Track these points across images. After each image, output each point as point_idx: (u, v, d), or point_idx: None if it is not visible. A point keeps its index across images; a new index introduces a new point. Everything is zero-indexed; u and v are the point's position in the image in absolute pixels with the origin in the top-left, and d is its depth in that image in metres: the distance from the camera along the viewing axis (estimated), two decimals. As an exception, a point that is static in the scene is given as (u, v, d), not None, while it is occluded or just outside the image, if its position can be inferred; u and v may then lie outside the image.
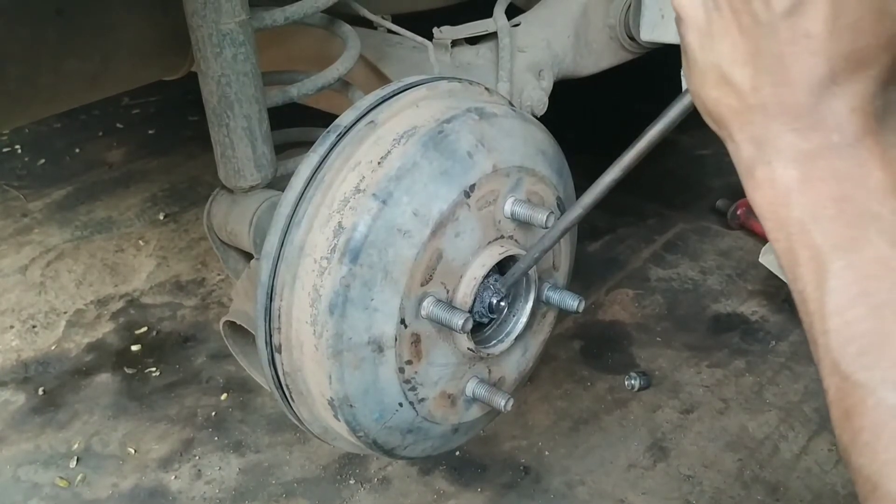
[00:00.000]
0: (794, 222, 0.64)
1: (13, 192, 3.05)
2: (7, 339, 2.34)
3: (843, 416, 0.61)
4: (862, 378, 0.60)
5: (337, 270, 1.13)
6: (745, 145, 0.67)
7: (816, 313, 0.63)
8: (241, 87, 1.38)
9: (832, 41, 0.60)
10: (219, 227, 1.53)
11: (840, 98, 0.61)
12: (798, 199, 0.63)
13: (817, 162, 0.63)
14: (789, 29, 0.61)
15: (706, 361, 2.18)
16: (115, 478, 1.91)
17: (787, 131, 0.63)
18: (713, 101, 0.68)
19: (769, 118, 0.64)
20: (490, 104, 1.30)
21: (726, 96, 0.66)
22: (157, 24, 1.62)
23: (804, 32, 0.60)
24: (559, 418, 2.03)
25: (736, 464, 1.89)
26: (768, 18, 0.61)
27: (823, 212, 0.62)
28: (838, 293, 0.61)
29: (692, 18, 0.67)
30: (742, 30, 0.63)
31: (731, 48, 0.65)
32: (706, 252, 2.61)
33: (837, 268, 0.61)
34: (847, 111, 0.61)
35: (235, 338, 1.52)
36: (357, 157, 1.18)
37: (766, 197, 0.66)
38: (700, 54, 0.67)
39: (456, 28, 1.80)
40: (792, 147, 0.63)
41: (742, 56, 0.64)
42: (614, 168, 0.99)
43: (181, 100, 3.48)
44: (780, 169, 0.64)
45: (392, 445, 1.29)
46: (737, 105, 0.66)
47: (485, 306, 1.27)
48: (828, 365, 0.62)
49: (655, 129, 0.89)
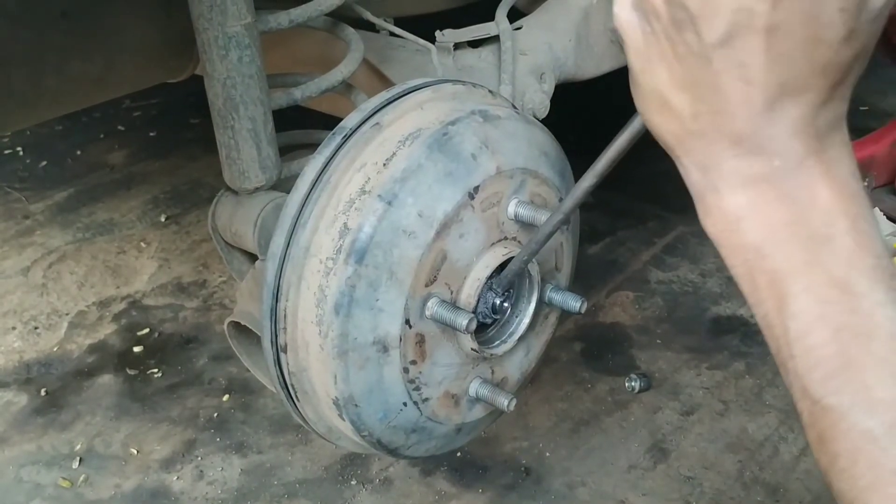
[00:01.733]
0: (748, 248, 0.63)
1: (15, 193, 3.06)
2: (9, 341, 2.34)
3: (819, 441, 0.62)
4: (832, 402, 0.60)
5: (342, 271, 1.14)
6: (691, 170, 0.66)
7: (782, 338, 0.63)
8: (247, 89, 1.38)
9: (767, 71, 0.59)
10: (223, 229, 1.54)
11: (779, 123, 0.60)
12: (749, 224, 0.63)
13: (762, 187, 0.62)
14: (723, 59, 0.59)
15: (706, 363, 2.19)
16: (118, 478, 1.92)
17: (729, 157, 0.63)
18: (657, 125, 0.67)
19: (711, 144, 0.63)
20: (494, 106, 1.31)
21: (668, 121, 0.66)
22: (161, 27, 1.63)
23: (738, 62, 0.59)
24: (560, 420, 2.04)
25: (736, 465, 1.90)
26: (701, 48, 0.60)
27: (776, 236, 0.62)
28: (799, 318, 0.61)
29: (632, 40, 0.66)
30: (677, 57, 0.62)
31: (669, 74, 0.63)
32: (706, 254, 2.62)
33: (796, 291, 0.61)
34: (787, 135, 0.61)
35: (240, 339, 1.52)
36: (362, 158, 1.19)
37: (717, 224, 0.65)
38: (641, 77, 0.66)
39: (458, 31, 1.81)
40: (736, 173, 0.63)
41: (679, 82, 0.63)
42: (588, 175, 0.99)
43: (183, 102, 3.49)
44: (727, 195, 0.64)
45: (396, 445, 1.29)
46: (679, 131, 0.65)
47: (488, 307, 1.28)
48: (798, 390, 0.62)
49: (622, 138, 0.89)
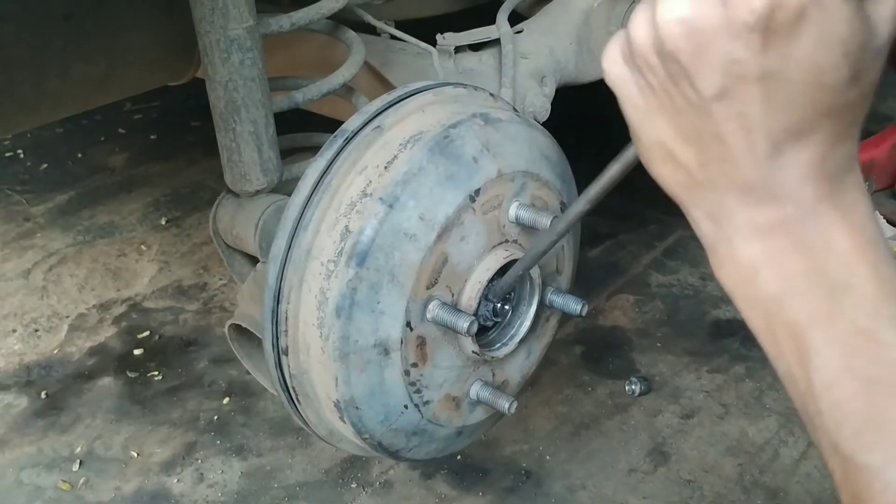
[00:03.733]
0: (765, 300, 0.61)
1: (16, 196, 3.06)
2: (9, 343, 2.34)
3: (853, 500, 0.59)
4: (865, 460, 0.57)
5: (344, 274, 1.14)
6: (702, 222, 0.64)
7: (807, 393, 0.60)
8: (248, 92, 1.39)
9: (768, 118, 0.57)
10: (224, 231, 1.54)
11: (788, 168, 0.58)
12: (765, 275, 0.61)
13: (777, 235, 0.60)
14: (723, 110, 0.58)
15: (706, 367, 2.19)
16: (118, 481, 1.92)
17: (741, 207, 0.61)
18: (663, 176, 0.65)
19: (721, 194, 0.61)
20: (495, 109, 1.31)
21: (674, 173, 0.64)
22: (163, 30, 1.63)
23: (738, 113, 0.57)
24: (560, 423, 2.04)
25: (736, 468, 1.90)
26: (699, 101, 0.58)
27: (794, 287, 0.60)
28: (824, 371, 0.58)
29: (626, 95, 0.63)
30: (677, 110, 0.60)
31: (671, 126, 0.61)
32: (706, 258, 2.61)
33: (818, 343, 0.58)
34: (797, 180, 0.58)
35: (241, 341, 1.53)
36: (364, 161, 1.19)
37: (731, 276, 0.64)
38: (641, 131, 0.64)
39: (459, 34, 1.82)
40: (749, 222, 0.61)
41: (683, 134, 0.61)
42: (581, 200, 0.98)
43: (183, 105, 3.49)
44: (741, 245, 0.62)
45: (397, 447, 1.30)
46: (686, 181, 0.63)
47: (489, 310, 1.28)
48: (827, 446, 0.60)
49: (615, 167, 0.87)
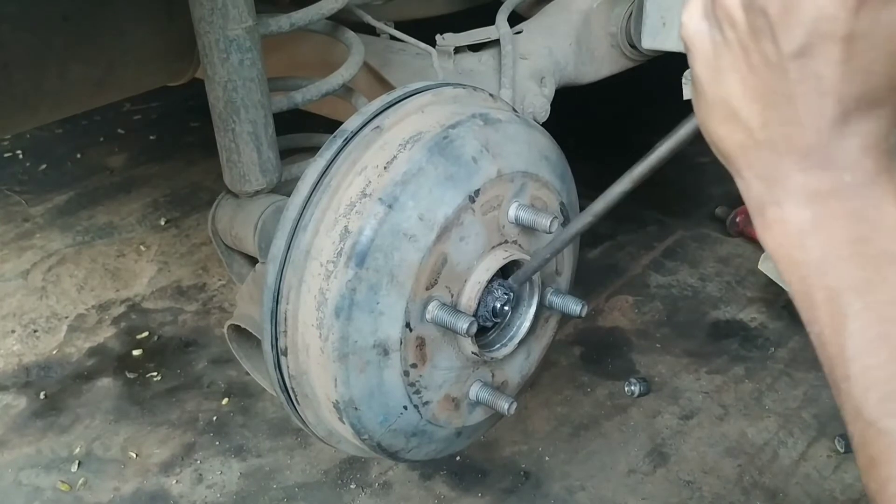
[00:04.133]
0: (808, 264, 0.62)
1: (15, 197, 3.06)
2: (8, 344, 2.34)
3: (869, 464, 0.59)
4: (887, 425, 0.58)
5: (343, 274, 1.14)
6: (754, 183, 0.65)
7: (837, 357, 0.60)
8: (248, 92, 1.39)
9: (844, 83, 0.58)
10: (223, 232, 1.54)
11: (852, 137, 0.59)
12: (812, 241, 0.61)
13: (830, 202, 0.60)
14: (799, 69, 0.58)
15: (705, 368, 2.19)
16: (117, 482, 1.92)
17: (797, 171, 0.61)
18: (720, 136, 0.66)
19: (778, 156, 0.62)
20: (494, 110, 1.31)
21: (734, 132, 0.64)
22: (162, 31, 1.63)
23: (815, 73, 0.58)
24: (559, 424, 2.04)
25: (735, 469, 1.90)
26: (778, 58, 0.59)
27: (838, 253, 0.60)
28: (857, 337, 0.59)
29: (700, 51, 0.64)
30: (751, 67, 0.61)
31: (740, 84, 0.62)
32: (705, 259, 2.62)
33: (855, 310, 0.59)
34: (859, 150, 0.59)
35: (240, 341, 1.52)
36: (363, 161, 1.19)
37: (776, 238, 0.64)
38: (708, 87, 0.65)
39: (459, 35, 1.82)
40: (803, 187, 0.61)
41: (751, 93, 0.62)
42: (624, 179, 0.99)
43: (182, 106, 3.49)
44: (791, 210, 0.62)
45: (396, 448, 1.29)
46: (745, 141, 0.64)
47: (489, 310, 1.28)
48: (850, 411, 0.60)
49: (666, 145, 0.89)
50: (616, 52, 2.07)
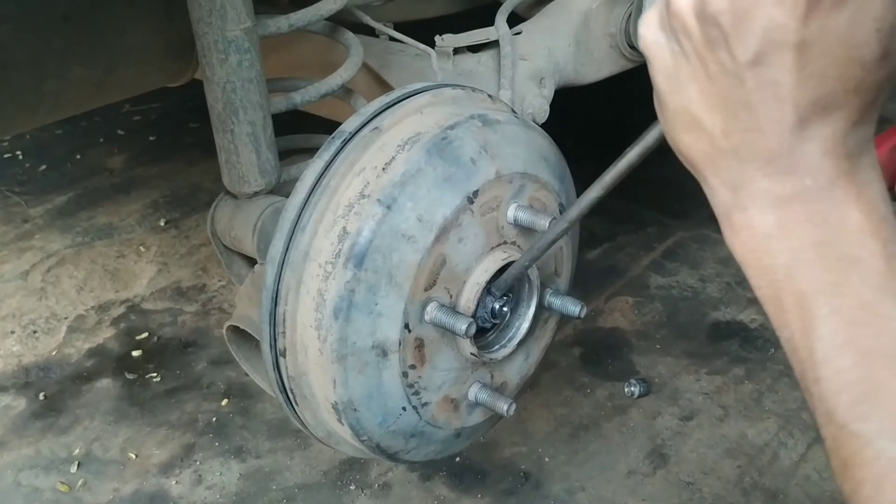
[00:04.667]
0: (775, 269, 0.63)
1: (14, 197, 3.06)
2: (8, 345, 2.34)
3: (843, 467, 0.60)
4: (858, 428, 0.58)
5: (342, 275, 1.14)
6: (719, 190, 0.66)
7: (807, 361, 0.61)
8: (246, 93, 1.39)
9: (799, 88, 0.59)
10: (222, 233, 1.54)
11: (811, 142, 0.60)
12: (777, 245, 0.62)
13: (793, 206, 0.61)
14: (755, 77, 0.59)
15: (705, 369, 2.19)
16: (116, 483, 1.92)
17: (760, 176, 0.62)
18: (685, 144, 0.67)
19: (742, 163, 0.63)
20: (493, 111, 1.31)
21: (698, 140, 0.65)
22: (162, 32, 1.63)
23: (771, 81, 0.59)
24: (559, 425, 2.04)
25: (735, 471, 1.89)
26: (734, 67, 0.60)
27: (804, 257, 0.61)
28: (826, 340, 0.60)
29: (659, 61, 0.65)
30: (709, 76, 0.62)
31: (700, 93, 0.63)
32: (705, 260, 2.62)
33: (823, 314, 0.60)
34: (819, 154, 0.60)
35: (239, 342, 1.52)
36: (362, 162, 1.19)
37: (745, 244, 0.65)
38: (669, 97, 0.66)
39: (458, 36, 1.82)
40: (767, 192, 0.62)
41: (711, 101, 0.63)
42: (595, 186, 1.00)
43: (182, 107, 3.49)
44: (756, 215, 0.63)
45: (395, 450, 1.29)
46: (709, 149, 0.65)
47: (487, 311, 1.28)
48: (822, 414, 0.61)
49: (634, 151, 0.89)
50: (615, 53, 2.07)
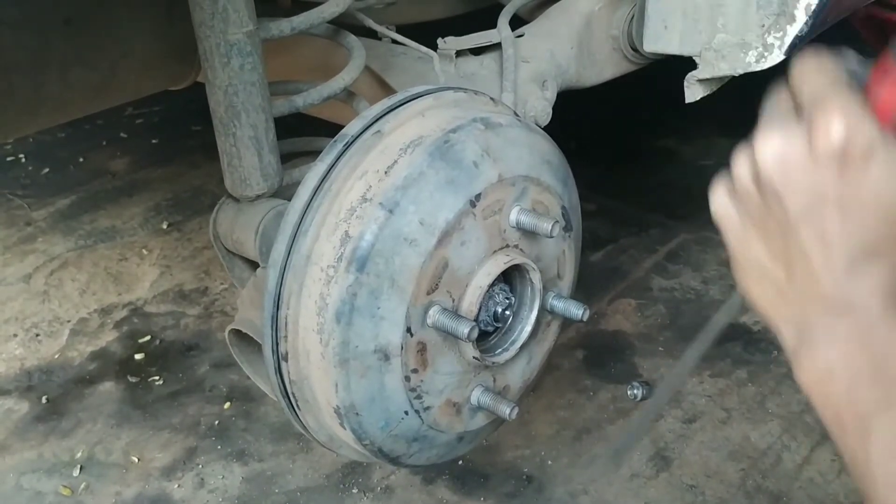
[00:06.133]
0: (838, 394, 0.70)
1: (17, 200, 3.06)
2: (10, 348, 2.34)
3: None
4: None
5: (343, 279, 1.14)
6: (788, 332, 0.74)
7: (865, 465, 0.67)
8: (248, 96, 1.38)
9: (845, 236, 0.68)
10: (224, 236, 1.54)
11: (861, 283, 0.69)
12: (839, 374, 0.69)
13: (851, 342, 0.69)
14: (807, 229, 0.69)
15: (708, 371, 2.19)
16: (119, 486, 1.92)
17: (821, 316, 0.71)
18: (757, 295, 0.77)
19: (805, 306, 0.72)
20: (495, 114, 1.31)
21: (767, 290, 0.75)
22: (163, 35, 1.63)
23: (820, 230, 0.69)
24: (562, 428, 2.03)
25: (738, 473, 1.89)
26: (787, 222, 0.70)
27: (861, 380, 0.68)
28: (882, 448, 0.66)
29: (729, 225, 0.77)
30: (770, 232, 0.72)
31: (764, 248, 0.74)
32: (708, 262, 2.62)
33: (878, 425, 0.67)
34: (868, 292, 0.68)
35: (241, 346, 1.52)
36: (364, 166, 1.19)
37: (811, 377, 0.72)
38: (740, 254, 0.77)
39: (460, 39, 1.81)
40: (828, 330, 0.70)
41: (774, 254, 0.73)
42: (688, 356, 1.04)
43: (184, 110, 3.49)
44: (820, 351, 0.71)
45: (397, 454, 1.29)
46: (776, 296, 0.74)
47: (490, 315, 1.28)
48: None
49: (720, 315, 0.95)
50: (618, 56, 2.06)
